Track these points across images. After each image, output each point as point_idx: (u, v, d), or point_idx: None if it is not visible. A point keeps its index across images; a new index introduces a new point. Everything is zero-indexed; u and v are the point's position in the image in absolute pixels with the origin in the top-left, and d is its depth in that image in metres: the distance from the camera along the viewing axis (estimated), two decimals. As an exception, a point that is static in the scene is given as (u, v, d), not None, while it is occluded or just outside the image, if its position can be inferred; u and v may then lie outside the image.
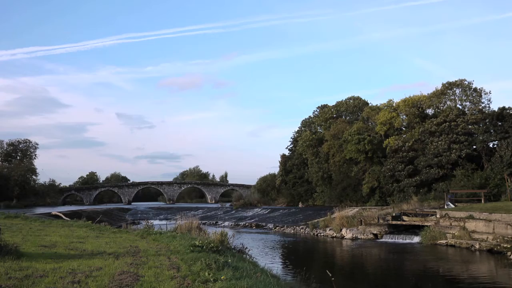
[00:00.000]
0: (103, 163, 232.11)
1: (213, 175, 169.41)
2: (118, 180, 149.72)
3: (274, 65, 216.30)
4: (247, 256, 19.83)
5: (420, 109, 65.91)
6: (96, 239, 18.68)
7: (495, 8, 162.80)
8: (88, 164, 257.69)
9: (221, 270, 11.58)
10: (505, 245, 31.47)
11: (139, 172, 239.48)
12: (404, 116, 67.69)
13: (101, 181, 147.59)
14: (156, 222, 45.27)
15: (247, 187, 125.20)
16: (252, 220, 66.01)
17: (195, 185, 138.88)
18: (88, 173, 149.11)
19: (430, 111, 66.22)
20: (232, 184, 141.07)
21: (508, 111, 57.15)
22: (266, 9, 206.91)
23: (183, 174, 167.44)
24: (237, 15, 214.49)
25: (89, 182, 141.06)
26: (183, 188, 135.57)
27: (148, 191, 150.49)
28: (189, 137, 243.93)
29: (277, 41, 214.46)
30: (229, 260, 13.31)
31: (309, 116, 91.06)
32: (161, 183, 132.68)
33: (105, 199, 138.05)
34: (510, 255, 29.69)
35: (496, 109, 58.52)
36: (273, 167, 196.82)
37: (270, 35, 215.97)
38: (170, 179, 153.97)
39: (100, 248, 15.38)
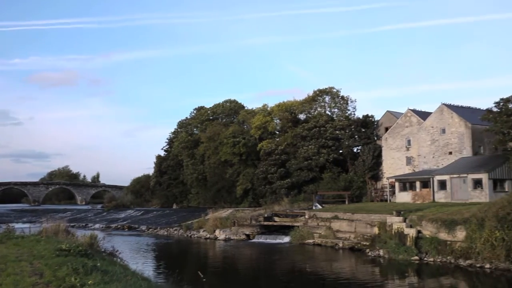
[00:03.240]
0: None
1: (84, 176, 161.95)
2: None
3: (153, 65, 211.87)
4: (118, 259, 19.34)
5: (292, 114, 68.74)
6: None
7: (363, 23, 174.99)
8: None
9: (89, 275, 11.13)
10: (364, 243, 34.00)
11: (1, 171, 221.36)
12: (277, 120, 70.12)
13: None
14: (18, 225, 42.06)
15: (120, 188, 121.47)
16: (125, 222, 64.55)
17: (63, 186, 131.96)
18: None
19: (302, 116, 69.25)
20: (104, 185, 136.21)
21: (370, 118, 61.85)
22: (145, 8, 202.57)
23: (51, 174, 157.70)
24: (116, 11, 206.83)
25: None
26: (50, 189, 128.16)
27: (11, 192, 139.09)
28: (60, 135, 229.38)
29: (156, 40, 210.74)
30: (98, 264, 12.87)
31: (186, 118, 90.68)
32: (25, 184, 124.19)
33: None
34: (369, 252, 32.16)
35: (360, 116, 63.02)
36: (149, 168, 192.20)
37: (150, 34, 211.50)
38: (37, 179, 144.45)
39: (-50, 255, 14.00)
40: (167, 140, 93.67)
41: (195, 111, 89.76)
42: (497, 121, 40.04)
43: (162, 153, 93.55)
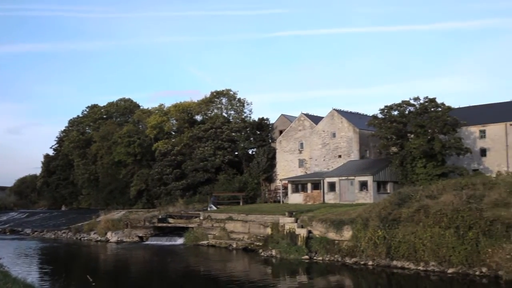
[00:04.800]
0: None
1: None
2: None
3: (42, 58, 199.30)
4: (-2, 266, 18.13)
5: (189, 115, 68.45)
6: None
7: (262, 27, 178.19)
8: None
9: (-38, 283, 10.34)
10: (258, 243, 34.72)
11: None
12: (174, 121, 69.49)
13: None
14: None
15: (3, 188, 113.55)
16: (7, 225, 60.97)
17: None
18: None
19: (199, 118, 69.22)
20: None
21: (266, 121, 63.22)
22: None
23: None
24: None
25: None
26: None
27: None
28: None
29: (47, 33, 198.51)
30: (-26, 271, 11.98)
31: (78, 116, 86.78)
32: None
33: None
34: (262, 252, 32.88)
35: (256, 119, 64.17)
36: (36, 168, 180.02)
37: (41, 26, 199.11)
38: None
39: None
40: (56, 139, 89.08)
41: (87, 109, 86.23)
42: (382, 127, 42.78)
43: (51, 152, 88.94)
